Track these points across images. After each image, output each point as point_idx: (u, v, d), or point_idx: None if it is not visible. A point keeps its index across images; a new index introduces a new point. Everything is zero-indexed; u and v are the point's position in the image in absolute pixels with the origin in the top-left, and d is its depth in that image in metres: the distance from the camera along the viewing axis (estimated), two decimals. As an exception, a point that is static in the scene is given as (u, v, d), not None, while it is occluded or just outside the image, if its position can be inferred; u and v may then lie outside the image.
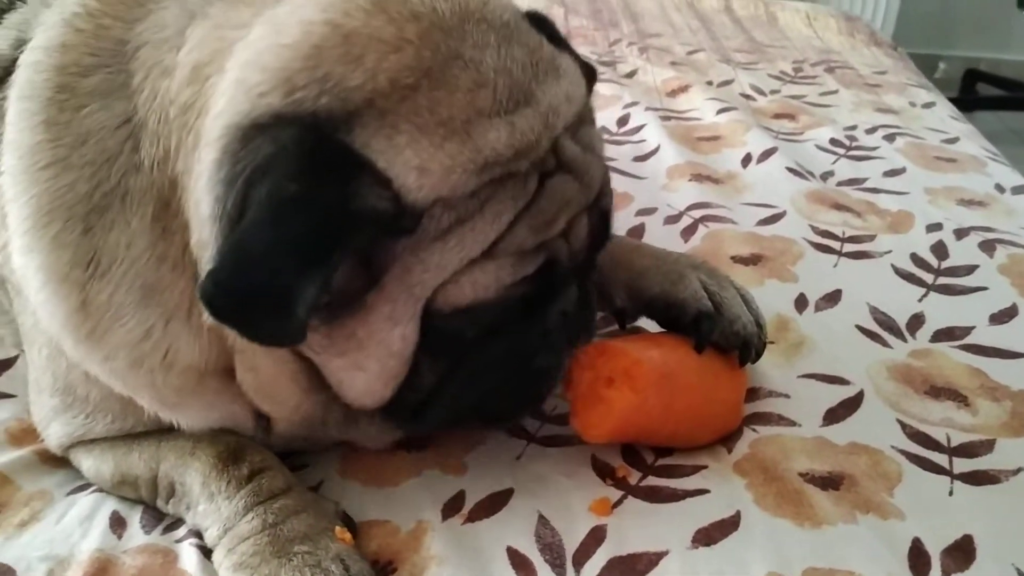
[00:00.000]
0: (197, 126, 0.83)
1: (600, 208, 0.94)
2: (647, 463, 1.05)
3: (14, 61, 0.96)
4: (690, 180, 1.72)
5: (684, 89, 2.19)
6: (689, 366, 1.05)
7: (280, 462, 0.99)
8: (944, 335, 1.28)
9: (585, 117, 0.92)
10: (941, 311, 1.33)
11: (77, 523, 0.98)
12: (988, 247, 1.49)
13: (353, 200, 0.75)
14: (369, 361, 0.86)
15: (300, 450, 1.06)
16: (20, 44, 0.98)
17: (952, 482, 1.03)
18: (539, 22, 0.93)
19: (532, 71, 0.84)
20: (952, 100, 2.38)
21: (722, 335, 1.07)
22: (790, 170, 1.75)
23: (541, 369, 0.96)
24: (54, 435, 1.04)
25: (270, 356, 0.90)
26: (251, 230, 0.75)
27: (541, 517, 0.97)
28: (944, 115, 2.12)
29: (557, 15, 2.80)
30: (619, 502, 0.99)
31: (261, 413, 0.96)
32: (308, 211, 0.74)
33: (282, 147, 0.75)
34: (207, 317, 0.81)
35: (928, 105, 2.18)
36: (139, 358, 0.90)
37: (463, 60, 0.80)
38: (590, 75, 0.97)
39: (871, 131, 1.97)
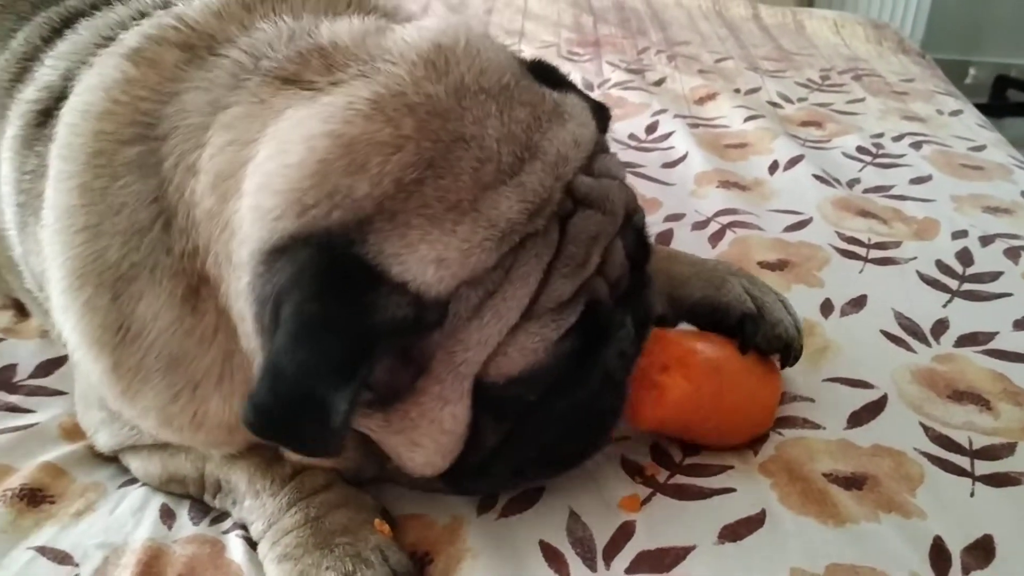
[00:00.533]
0: (223, 239, 0.85)
1: (633, 227, 0.94)
2: (675, 462, 1.08)
3: (64, 93, 1.01)
4: (718, 186, 1.75)
5: (712, 97, 2.22)
6: (735, 364, 1.08)
7: None
8: (968, 340, 1.30)
9: (599, 149, 0.92)
10: (965, 316, 1.35)
11: (129, 514, 1.03)
12: (1013, 254, 1.51)
13: (372, 313, 0.76)
14: (424, 439, 0.88)
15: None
16: (68, 79, 1.03)
17: (973, 484, 1.05)
18: (543, 71, 0.95)
19: (536, 125, 0.85)
20: (982, 106, 2.39)
21: (764, 338, 1.10)
22: (817, 177, 1.78)
23: (605, 411, 0.96)
24: (102, 441, 1.09)
25: None
26: (279, 353, 0.76)
27: (572, 513, 1.00)
28: (971, 123, 2.13)
29: (586, 24, 2.84)
30: (648, 499, 1.02)
31: None
32: (330, 331, 0.76)
33: (300, 268, 0.77)
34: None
35: (955, 113, 2.19)
36: (168, 419, 0.93)
37: (464, 140, 0.81)
38: (603, 113, 0.98)
39: (898, 139, 1.99)
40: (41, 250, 0.97)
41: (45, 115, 1.04)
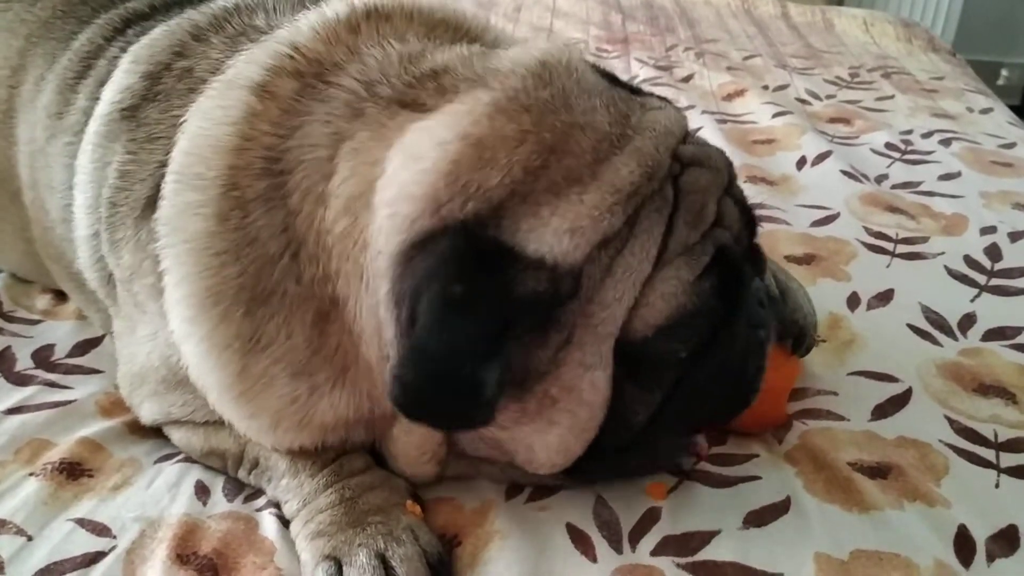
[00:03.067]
0: (355, 256, 0.89)
1: (735, 196, 0.97)
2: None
3: (146, 93, 1.07)
4: (745, 181, 1.75)
5: (740, 93, 2.22)
6: None
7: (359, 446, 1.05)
8: (995, 335, 1.30)
9: (689, 132, 0.97)
10: (993, 311, 1.35)
11: (165, 489, 1.05)
12: (1043, 250, 1.51)
13: (513, 288, 0.81)
14: (562, 415, 0.90)
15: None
16: (150, 79, 1.09)
17: (999, 475, 1.05)
18: (609, 75, 0.99)
19: (634, 111, 0.92)
20: (1015, 108, 2.37)
21: (782, 321, 1.11)
22: (844, 173, 1.78)
23: (753, 370, 0.98)
24: (148, 413, 1.11)
25: (415, 439, 0.98)
26: (425, 334, 0.81)
27: (599, 498, 1.01)
28: (1002, 120, 2.13)
29: (614, 21, 2.85)
30: (674, 486, 1.03)
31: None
32: (474, 309, 0.81)
33: (440, 257, 0.81)
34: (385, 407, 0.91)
35: (986, 111, 2.19)
36: (278, 421, 0.97)
37: (578, 126, 0.88)
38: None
39: (927, 135, 1.99)
40: (136, 251, 1.03)
41: (130, 112, 1.09)
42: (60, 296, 1.42)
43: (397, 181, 0.86)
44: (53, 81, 1.25)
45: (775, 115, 2.07)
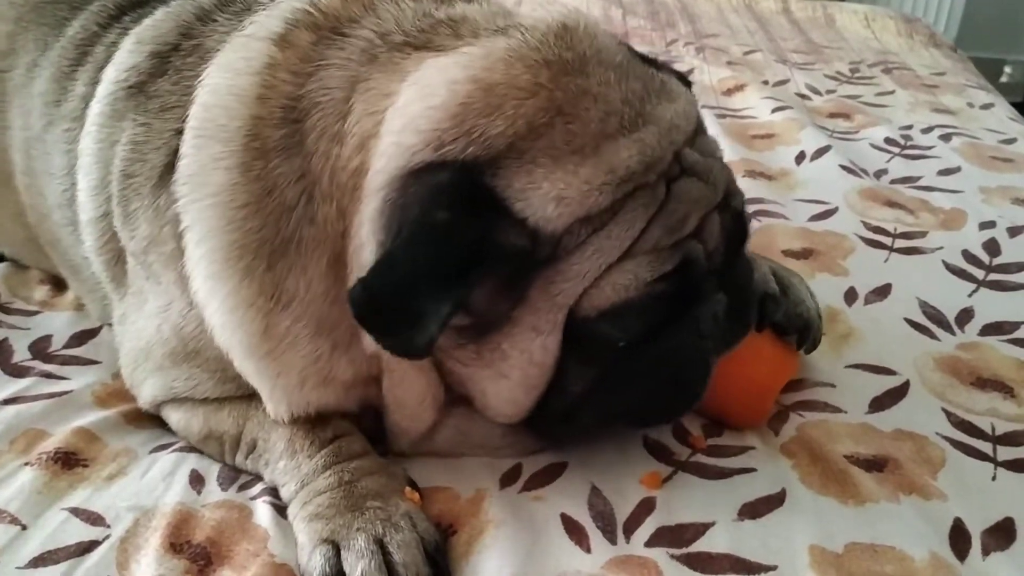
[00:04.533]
0: (363, 185, 0.90)
1: (732, 208, 0.98)
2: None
3: (154, 70, 1.07)
4: (744, 176, 1.75)
5: (740, 88, 2.22)
6: None
7: (357, 430, 1.05)
8: (993, 329, 1.30)
9: (700, 129, 0.98)
10: (991, 306, 1.35)
11: (160, 478, 1.05)
12: (1042, 245, 1.51)
13: (492, 237, 0.83)
14: (513, 371, 0.93)
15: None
16: (157, 58, 1.09)
17: (995, 468, 1.05)
18: (636, 54, 0.99)
19: (648, 97, 0.92)
20: (1018, 105, 2.37)
21: (786, 316, 1.12)
22: (844, 168, 1.77)
23: (692, 377, 0.99)
24: (149, 391, 1.11)
25: (421, 380, 0.99)
26: (400, 247, 0.84)
27: (594, 488, 1.01)
28: (1003, 116, 2.12)
29: (615, 16, 2.85)
30: (669, 477, 1.03)
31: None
32: (452, 238, 0.83)
33: (433, 186, 0.84)
34: (366, 344, 0.93)
35: (987, 106, 2.18)
36: (305, 377, 0.98)
37: (591, 95, 0.88)
38: (686, 83, 1.04)
39: (927, 131, 1.98)
40: (155, 219, 1.02)
41: (137, 88, 1.10)
42: (58, 287, 1.42)
43: (406, 113, 0.88)
44: (48, 68, 1.25)
45: (774, 110, 2.06)
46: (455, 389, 1.01)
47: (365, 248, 0.89)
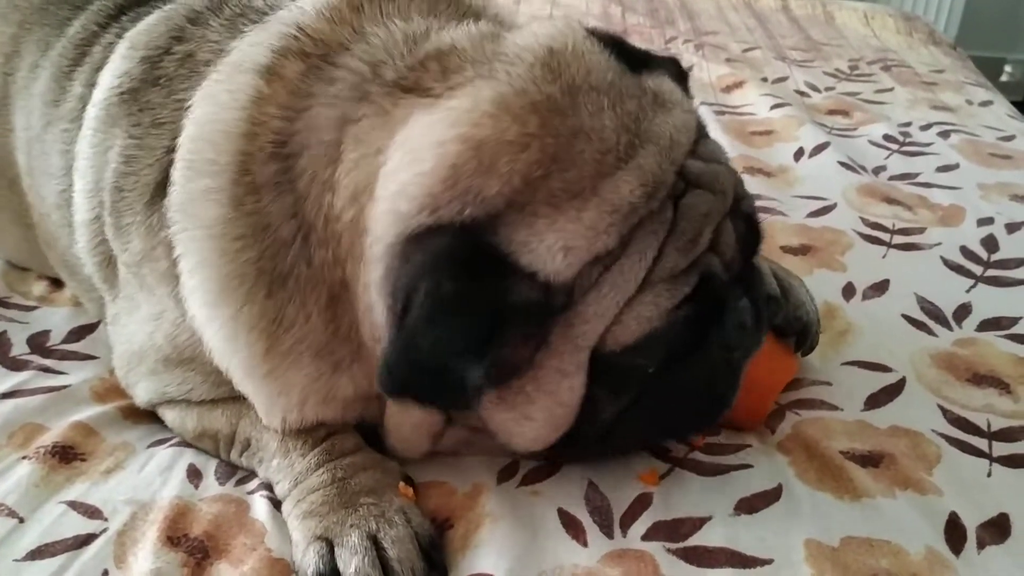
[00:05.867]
0: (360, 244, 0.89)
1: (743, 212, 0.97)
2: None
3: (145, 77, 1.07)
4: (742, 173, 1.71)
5: (739, 85, 2.22)
6: None
7: (351, 426, 1.05)
8: (990, 325, 1.30)
9: (701, 134, 0.96)
10: (989, 302, 1.35)
11: (157, 473, 1.05)
12: (1040, 242, 1.51)
13: (506, 295, 0.82)
14: (537, 412, 0.92)
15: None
16: (148, 63, 1.09)
17: (991, 464, 1.05)
18: (615, 45, 0.97)
19: (643, 115, 0.90)
20: (1018, 104, 2.37)
21: (786, 318, 1.12)
22: (842, 164, 1.78)
23: (722, 389, 0.98)
24: (144, 392, 1.11)
25: (418, 415, 0.98)
26: (415, 325, 0.82)
27: (591, 483, 1.02)
28: (1001, 113, 2.12)
29: (614, 14, 2.85)
30: (666, 473, 1.03)
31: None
32: (464, 308, 0.82)
33: (436, 254, 0.82)
34: (371, 366, 0.92)
35: (985, 103, 2.18)
36: (307, 395, 0.98)
37: (584, 133, 0.86)
38: (680, 72, 1.02)
39: (926, 128, 1.98)
40: (148, 237, 1.02)
41: (130, 95, 1.09)
42: (56, 283, 1.42)
43: (397, 180, 0.86)
44: (48, 68, 1.25)
45: (773, 107, 2.06)
46: (471, 423, 0.99)
47: (374, 310, 0.89)
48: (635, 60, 0.96)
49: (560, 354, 0.88)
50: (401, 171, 0.86)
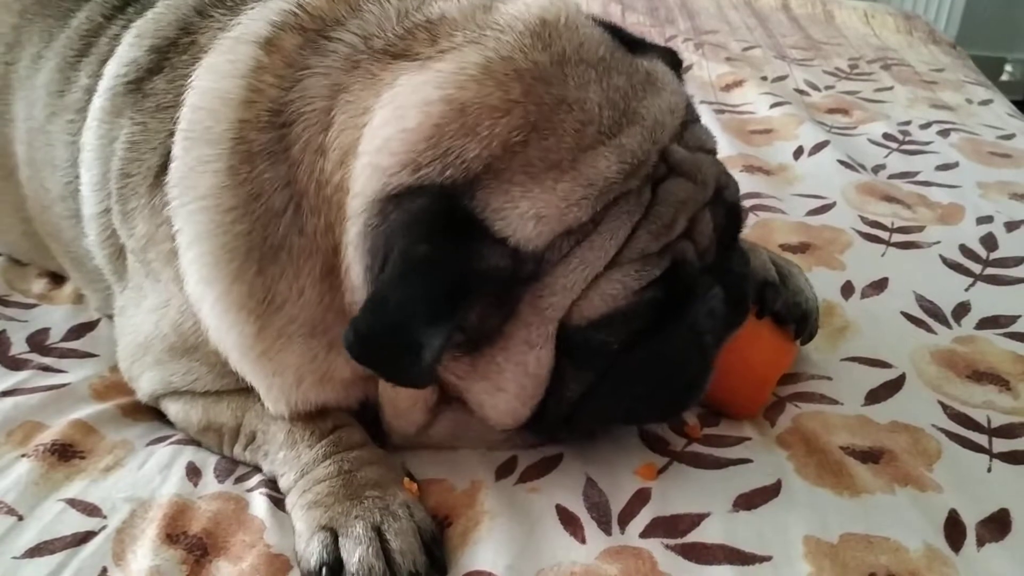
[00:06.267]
0: (346, 203, 0.90)
1: (724, 202, 0.96)
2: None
3: (152, 66, 1.06)
4: (742, 171, 1.75)
5: (738, 84, 2.22)
6: None
7: (357, 422, 1.06)
8: (989, 323, 1.30)
9: (689, 119, 0.96)
10: (988, 300, 1.35)
11: (157, 470, 1.05)
12: (1039, 240, 1.51)
13: (474, 262, 0.83)
14: (508, 383, 0.93)
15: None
16: (156, 53, 1.08)
17: (991, 460, 1.05)
18: (611, 30, 0.97)
19: (632, 93, 0.90)
20: (1019, 103, 2.36)
21: (785, 305, 1.12)
22: (841, 163, 1.78)
23: (691, 375, 0.98)
24: (148, 384, 1.11)
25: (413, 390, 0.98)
26: (386, 286, 0.83)
27: (589, 479, 1.02)
28: (1001, 112, 2.12)
29: (614, 12, 2.85)
30: (664, 468, 1.03)
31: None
32: (435, 271, 0.82)
33: (413, 215, 0.83)
34: None
35: (985, 102, 2.18)
36: (302, 376, 0.99)
37: (567, 104, 0.86)
38: (675, 60, 1.02)
39: (925, 126, 1.98)
40: (151, 218, 1.02)
41: (136, 84, 1.09)
42: (56, 280, 1.43)
43: (381, 135, 0.87)
44: (52, 59, 1.25)
45: (773, 105, 2.06)
46: (451, 394, 1.01)
47: (352, 270, 0.90)
48: (630, 43, 0.97)
49: (528, 325, 0.88)
50: (385, 127, 0.87)
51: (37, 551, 0.94)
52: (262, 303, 0.94)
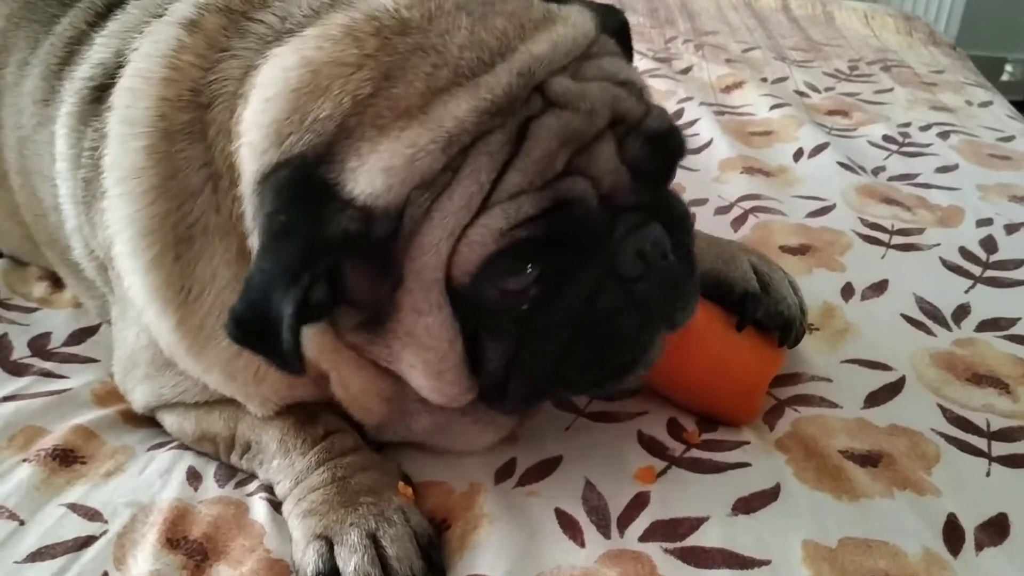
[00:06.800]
0: (241, 187, 0.89)
1: (644, 132, 0.89)
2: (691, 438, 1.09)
3: (117, 69, 1.04)
4: (742, 173, 1.76)
5: (738, 85, 2.22)
6: (709, 329, 1.08)
7: (349, 426, 1.06)
8: (989, 325, 1.30)
9: (593, 53, 0.89)
10: (987, 302, 1.35)
11: (157, 475, 1.06)
12: (1039, 242, 1.51)
13: (323, 225, 0.79)
14: (413, 358, 0.89)
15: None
16: (120, 55, 1.06)
17: (990, 464, 1.05)
18: None
19: (516, 33, 0.85)
20: (1019, 103, 2.36)
21: (766, 314, 1.10)
22: (841, 165, 1.77)
23: (628, 326, 0.90)
24: (141, 397, 1.12)
25: (360, 378, 0.97)
26: (253, 264, 0.82)
27: (588, 483, 1.02)
28: (1001, 114, 2.12)
29: (614, 13, 2.84)
30: (663, 472, 1.04)
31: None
32: (287, 240, 0.80)
33: (276, 189, 0.82)
34: None
35: (985, 104, 2.18)
36: (232, 374, 0.97)
37: (422, 50, 0.83)
38: (612, 18, 0.96)
39: (925, 128, 1.98)
40: (105, 221, 1.00)
41: (100, 91, 1.08)
42: (57, 284, 1.43)
43: (252, 109, 0.87)
44: (37, 66, 1.25)
45: (773, 107, 2.06)
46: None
47: (254, 252, 0.87)
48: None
49: (411, 291, 0.84)
50: (254, 103, 0.87)
51: (38, 555, 0.94)
52: (179, 293, 0.93)
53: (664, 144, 0.91)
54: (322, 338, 0.92)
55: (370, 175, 0.80)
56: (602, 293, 0.88)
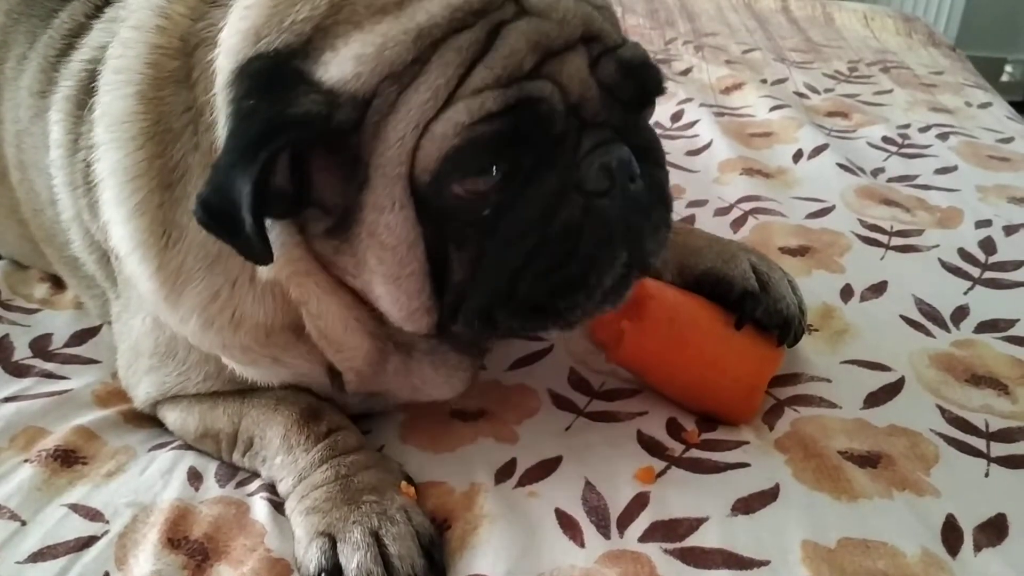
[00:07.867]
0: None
1: (620, 58, 0.89)
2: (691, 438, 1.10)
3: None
4: (741, 174, 1.76)
5: (738, 86, 2.22)
6: (708, 328, 1.09)
7: (353, 424, 1.06)
8: (988, 326, 1.31)
9: None
10: (986, 304, 1.36)
11: (158, 475, 1.06)
12: (1038, 244, 1.51)
13: (286, 106, 0.81)
14: (376, 262, 0.88)
15: (370, 411, 1.13)
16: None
17: (989, 464, 1.06)
18: None
19: None
20: (1018, 104, 2.36)
21: (765, 313, 1.11)
22: (841, 166, 1.78)
23: (593, 242, 0.88)
24: (144, 391, 1.12)
25: (334, 304, 0.96)
26: (223, 147, 0.84)
27: (588, 483, 1.02)
28: (1000, 115, 2.12)
29: (614, 14, 2.85)
30: (663, 472, 1.04)
31: (332, 369, 1.03)
32: (251, 121, 0.82)
33: (247, 76, 0.85)
34: (261, 273, 0.91)
35: (984, 105, 2.18)
36: (209, 319, 0.97)
37: None
38: None
39: (924, 130, 1.99)
40: (94, 173, 1.00)
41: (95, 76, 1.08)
42: (58, 285, 1.43)
43: (230, 21, 0.90)
44: (35, 60, 1.25)
45: (772, 108, 2.07)
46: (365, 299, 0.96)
47: None
48: None
49: (375, 188, 0.85)
50: (234, 14, 0.89)
51: (40, 556, 0.95)
52: (161, 237, 0.94)
53: (639, 74, 0.91)
54: (293, 251, 0.91)
55: (340, 63, 0.82)
56: (564, 205, 0.87)
